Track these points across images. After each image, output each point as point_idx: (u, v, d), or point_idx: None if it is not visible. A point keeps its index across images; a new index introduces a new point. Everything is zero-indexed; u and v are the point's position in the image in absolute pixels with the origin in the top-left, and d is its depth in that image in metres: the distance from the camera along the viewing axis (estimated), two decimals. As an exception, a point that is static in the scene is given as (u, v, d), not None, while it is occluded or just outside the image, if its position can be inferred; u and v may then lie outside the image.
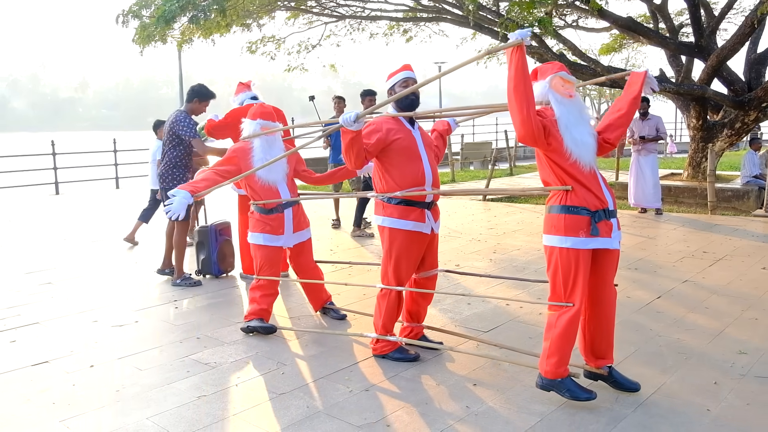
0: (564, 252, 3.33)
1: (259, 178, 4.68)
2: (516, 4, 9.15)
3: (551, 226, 3.40)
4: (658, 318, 4.93)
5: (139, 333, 4.79)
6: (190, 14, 8.52)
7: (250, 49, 15.17)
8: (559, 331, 3.35)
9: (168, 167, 6.10)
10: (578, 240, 3.31)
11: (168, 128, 6.10)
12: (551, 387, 3.45)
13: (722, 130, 12.96)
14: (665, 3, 13.80)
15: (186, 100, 6.13)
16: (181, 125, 5.95)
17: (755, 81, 12.74)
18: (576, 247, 3.31)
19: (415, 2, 14.35)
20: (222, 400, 3.60)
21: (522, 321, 4.92)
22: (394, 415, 3.39)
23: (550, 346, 3.39)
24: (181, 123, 5.96)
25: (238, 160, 4.72)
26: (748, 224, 8.93)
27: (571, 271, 3.33)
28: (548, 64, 3.49)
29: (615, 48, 18.51)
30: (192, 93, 6.09)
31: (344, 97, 8.88)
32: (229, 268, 6.52)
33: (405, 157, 3.92)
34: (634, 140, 9.82)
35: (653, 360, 4.09)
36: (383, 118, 4.03)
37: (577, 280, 3.33)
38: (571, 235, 3.31)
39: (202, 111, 6.17)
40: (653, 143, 9.85)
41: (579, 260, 3.33)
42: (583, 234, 3.31)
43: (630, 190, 10.13)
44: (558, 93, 3.39)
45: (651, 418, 3.31)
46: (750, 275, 6.12)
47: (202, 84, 6.24)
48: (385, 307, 4.07)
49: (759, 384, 3.72)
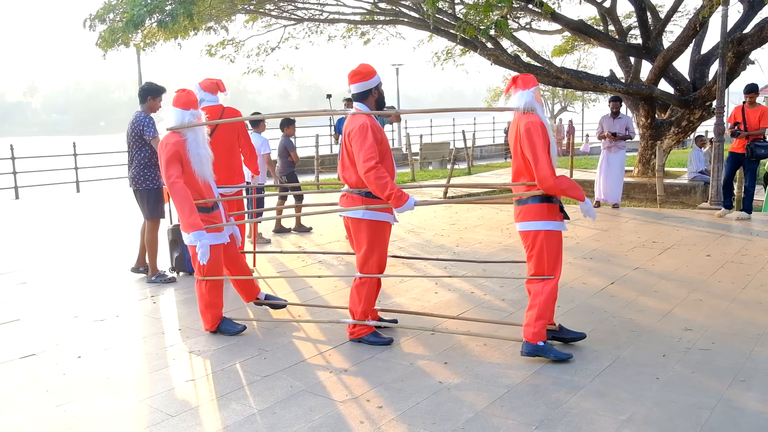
0: (549, 234, 3.97)
1: (197, 175, 4.48)
2: (473, 7, 9.51)
3: (534, 214, 3.97)
4: (612, 301, 5.30)
5: (121, 326, 4.94)
6: (158, 18, 8.63)
7: (210, 52, 15.24)
8: (545, 296, 3.96)
9: (140, 168, 6.17)
10: (559, 223, 4.01)
11: (131, 130, 6.17)
12: (537, 352, 3.98)
13: (670, 128, 13.60)
14: (614, 6, 14.39)
15: (140, 102, 6.26)
16: (144, 126, 6.08)
17: (699, 81, 13.40)
18: (557, 230, 4.00)
19: (372, 5, 14.64)
20: (209, 383, 3.81)
21: (488, 307, 5.23)
22: (373, 390, 3.65)
23: (538, 310, 3.96)
24: (144, 123, 6.09)
25: (181, 157, 4.39)
26: (695, 216, 9.47)
27: (554, 249, 3.99)
28: (526, 75, 4.11)
29: (567, 49, 19.16)
30: (144, 93, 6.23)
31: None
32: None
33: (385, 153, 4.16)
34: (603, 135, 10.15)
35: (608, 338, 4.45)
36: (368, 118, 4.13)
37: (559, 256, 4.03)
38: (553, 219, 3.97)
39: (158, 107, 6.30)
40: (623, 141, 10.19)
41: (560, 240, 4.03)
42: (559, 219, 4.01)
43: (598, 185, 10.39)
44: (539, 102, 4.03)
45: (607, 387, 3.65)
46: (696, 262, 6.57)
47: (149, 82, 6.40)
48: (365, 294, 4.31)
49: (703, 355, 4.11)
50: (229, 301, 5.28)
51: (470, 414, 3.35)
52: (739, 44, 11.52)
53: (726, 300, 5.26)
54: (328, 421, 3.30)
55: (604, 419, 3.28)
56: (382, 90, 4.28)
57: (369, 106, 4.24)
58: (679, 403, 3.45)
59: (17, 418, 3.42)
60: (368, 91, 4.21)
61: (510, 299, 5.38)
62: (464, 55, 17.17)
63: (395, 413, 3.38)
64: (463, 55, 17.28)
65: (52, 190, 16.81)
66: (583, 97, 35.97)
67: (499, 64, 13.30)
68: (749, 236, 7.79)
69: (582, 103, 38.14)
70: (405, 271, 6.45)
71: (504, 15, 12.16)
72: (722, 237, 7.80)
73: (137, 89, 6.77)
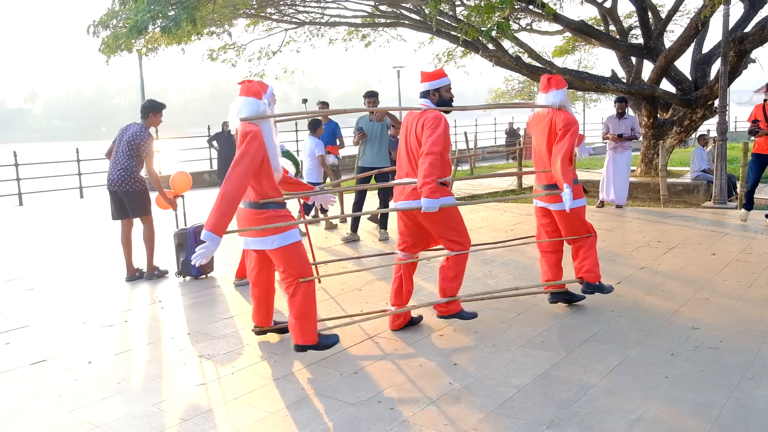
0: (582, 208, 5.00)
1: (273, 167, 4.16)
2: (475, 8, 9.54)
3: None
4: (619, 301, 5.32)
5: (130, 331, 4.97)
6: (162, 24, 8.68)
7: (211, 57, 15.29)
8: (590, 246, 5.07)
9: (128, 172, 6.47)
10: (584, 199, 5.04)
11: (129, 139, 6.48)
12: (595, 289, 5.04)
13: (672, 127, 13.60)
14: (615, 6, 14.41)
15: (142, 117, 6.64)
16: (142, 141, 6.44)
17: (701, 80, 13.42)
18: (585, 204, 5.04)
19: (373, 8, 14.68)
20: (221, 386, 3.83)
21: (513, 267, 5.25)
22: (384, 392, 3.67)
23: (591, 257, 5.04)
24: (143, 139, 6.44)
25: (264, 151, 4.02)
26: (699, 215, 9.48)
27: (584, 215, 5.04)
28: (557, 76, 5.02)
29: (568, 50, 19.18)
30: (146, 109, 6.64)
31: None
32: (208, 270, 6.70)
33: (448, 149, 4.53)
34: (608, 136, 10.16)
35: (616, 337, 4.46)
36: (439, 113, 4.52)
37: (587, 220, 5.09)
38: (582, 197, 4.98)
39: (159, 122, 6.78)
40: (628, 141, 10.20)
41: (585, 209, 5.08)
42: (583, 195, 5.02)
43: (604, 186, 10.32)
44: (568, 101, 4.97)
45: (616, 386, 3.67)
46: (701, 261, 6.58)
47: (151, 99, 6.89)
48: (462, 271, 4.65)
49: (711, 354, 4.12)
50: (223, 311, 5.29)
51: (481, 414, 3.37)
52: (740, 43, 11.53)
53: (732, 298, 5.27)
54: (340, 423, 3.32)
55: (615, 418, 3.29)
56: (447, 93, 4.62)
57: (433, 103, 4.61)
58: (689, 401, 3.46)
59: (31, 425, 3.44)
60: (427, 92, 4.62)
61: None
62: (465, 56, 17.19)
63: (407, 414, 3.39)
64: (464, 57, 17.30)
65: (56, 196, 16.87)
66: (584, 97, 35.96)
67: (501, 65, 13.32)
68: (754, 234, 7.80)
69: (583, 103, 38.13)
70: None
71: (506, 16, 12.19)
72: (727, 236, 7.81)
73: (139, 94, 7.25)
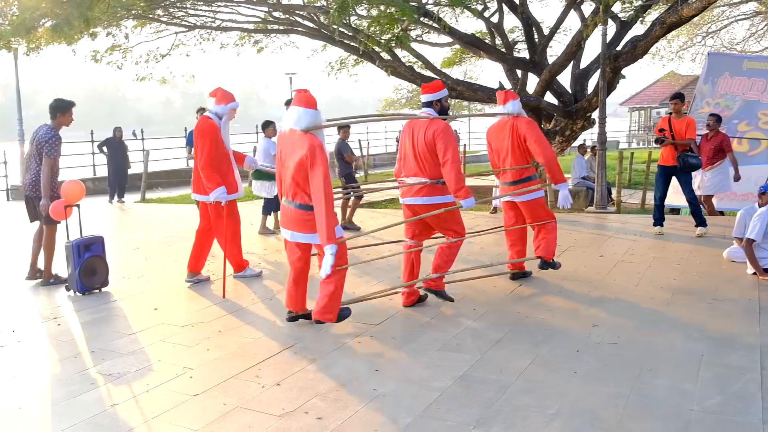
0: (542, 199, 6.11)
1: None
2: (375, 20, 9.68)
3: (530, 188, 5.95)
4: (523, 302, 5.58)
5: (26, 351, 4.62)
6: (53, 23, 8.16)
7: (95, 58, 14.54)
8: (551, 229, 6.08)
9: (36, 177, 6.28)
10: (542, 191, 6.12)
11: (37, 141, 6.26)
12: (549, 266, 6.10)
13: (555, 137, 14.40)
14: (501, 21, 15.08)
15: (51, 117, 6.38)
16: (46, 142, 6.19)
17: (580, 93, 14.30)
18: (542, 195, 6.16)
19: (266, 14, 14.51)
20: (136, 406, 3.66)
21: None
22: (309, 403, 3.65)
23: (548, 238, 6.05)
24: (47, 140, 6.19)
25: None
26: (583, 219, 10.10)
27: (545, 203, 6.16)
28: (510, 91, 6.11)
29: (455, 61, 19.83)
30: (53, 110, 6.41)
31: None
32: (98, 285, 6.29)
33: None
34: None
35: (525, 337, 4.68)
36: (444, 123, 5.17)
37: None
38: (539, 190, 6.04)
39: (69, 122, 6.49)
40: None
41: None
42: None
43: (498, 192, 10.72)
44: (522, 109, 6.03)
45: (532, 384, 3.86)
46: (591, 263, 7.02)
47: (58, 98, 6.61)
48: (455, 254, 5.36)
49: (612, 349, 4.42)
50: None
51: (409, 419, 3.43)
52: (615, 60, 12.42)
53: (623, 296, 5.67)
54: (269, 436, 3.27)
55: (535, 414, 3.46)
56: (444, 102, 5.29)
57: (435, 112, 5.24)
58: (598, 394, 3.70)
59: (-77, 458, 3.13)
60: (430, 102, 5.22)
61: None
62: (358, 65, 17.36)
63: (336, 423, 3.39)
64: (357, 65, 17.46)
65: None
66: (470, 107, 37.27)
67: (396, 75, 13.57)
68: (634, 237, 8.41)
69: (468, 113, 39.53)
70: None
71: (404, 28, 12.44)
72: (611, 238, 8.38)
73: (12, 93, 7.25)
